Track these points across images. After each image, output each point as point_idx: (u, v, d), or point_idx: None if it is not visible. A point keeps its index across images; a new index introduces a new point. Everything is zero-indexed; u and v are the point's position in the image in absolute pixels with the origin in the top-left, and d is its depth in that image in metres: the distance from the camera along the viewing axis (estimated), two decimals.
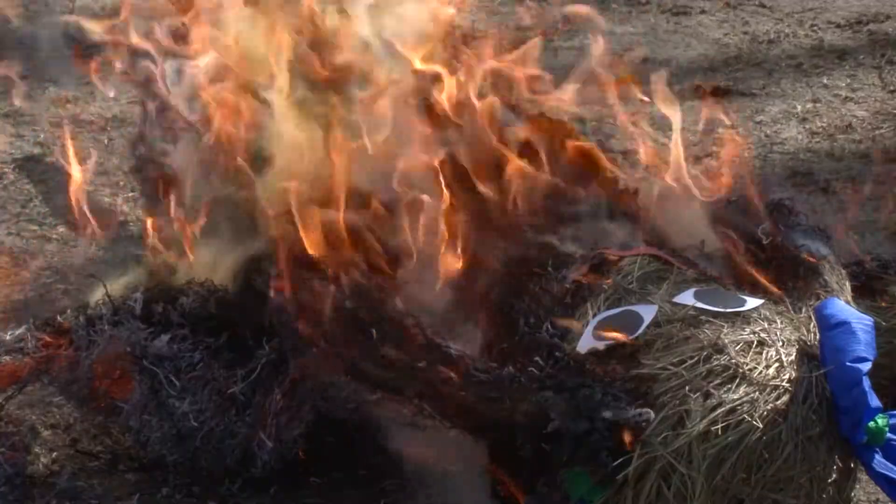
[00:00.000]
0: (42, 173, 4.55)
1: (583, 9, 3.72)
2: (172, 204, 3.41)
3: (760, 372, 2.79)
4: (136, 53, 3.56)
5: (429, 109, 3.35)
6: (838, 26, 5.78)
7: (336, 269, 3.14)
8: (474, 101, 3.37)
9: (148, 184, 3.60)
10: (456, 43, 3.50)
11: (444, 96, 3.36)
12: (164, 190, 3.47)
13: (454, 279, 3.18)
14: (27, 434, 3.24)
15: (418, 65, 3.37)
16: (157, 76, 3.51)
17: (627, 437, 2.71)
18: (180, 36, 3.54)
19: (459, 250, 3.21)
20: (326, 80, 3.33)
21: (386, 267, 3.20)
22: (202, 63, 3.47)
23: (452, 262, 3.19)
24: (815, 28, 5.77)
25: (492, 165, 3.36)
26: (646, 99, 3.62)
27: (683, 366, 2.79)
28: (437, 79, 3.37)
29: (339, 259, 3.17)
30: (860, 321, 2.88)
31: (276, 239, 3.18)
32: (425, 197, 3.25)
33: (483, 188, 3.31)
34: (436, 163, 3.30)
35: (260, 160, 3.32)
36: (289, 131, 3.28)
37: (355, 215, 3.23)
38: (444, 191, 3.27)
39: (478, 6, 3.91)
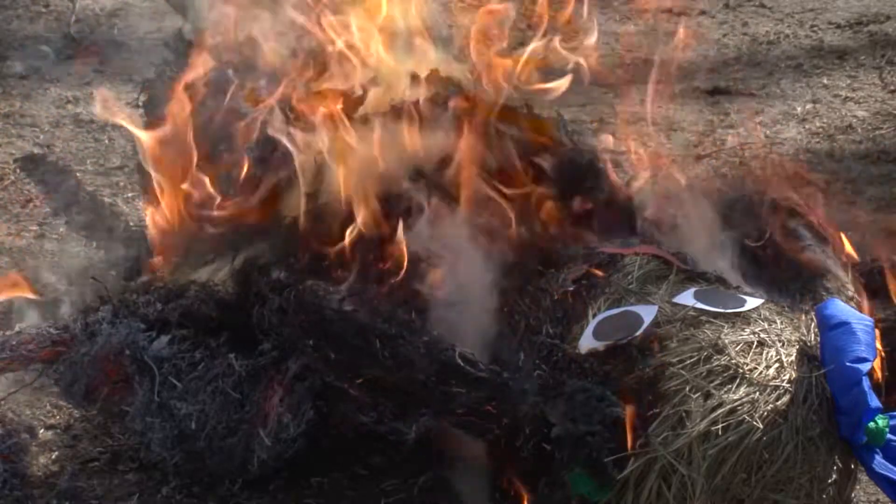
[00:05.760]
0: (42, 173, 4.55)
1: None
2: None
3: (761, 372, 2.79)
4: None
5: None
6: (838, 27, 5.78)
7: (339, 271, 3.15)
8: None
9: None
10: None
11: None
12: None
13: (454, 280, 3.19)
14: (26, 435, 3.24)
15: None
16: None
17: (627, 439, 2.71)
18: None
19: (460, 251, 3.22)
20: None
21: (387, 268, 3.21)
22: None
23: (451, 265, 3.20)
24: (816, 29, 5.77)
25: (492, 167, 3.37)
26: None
27: (683, 366, 2.79)
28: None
29: (344, 261, 3.19)
30: (860, 321, 2.88)
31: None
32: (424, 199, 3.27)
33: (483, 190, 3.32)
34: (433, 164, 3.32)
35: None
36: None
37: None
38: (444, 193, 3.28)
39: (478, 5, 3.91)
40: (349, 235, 3.23)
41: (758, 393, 2.76)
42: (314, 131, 3.34)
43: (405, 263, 3.18)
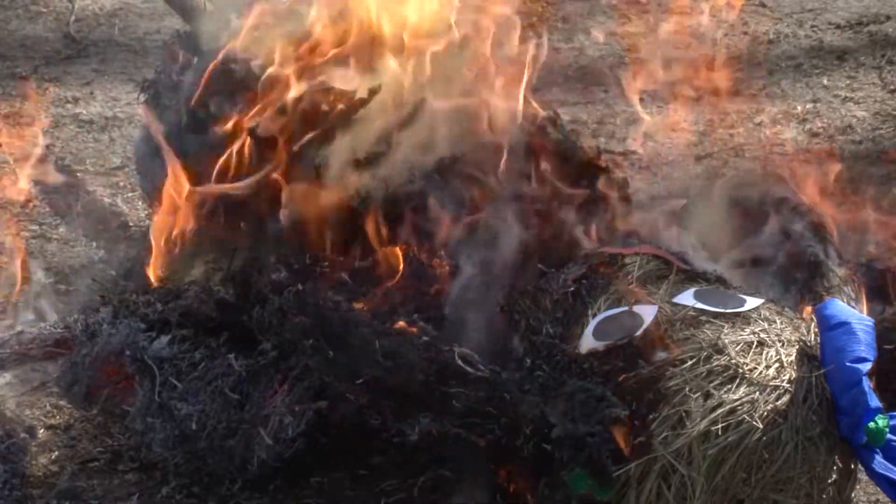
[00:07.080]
0: (42, 173, 4.55)
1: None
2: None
3: (760, 372, 2.79)
4: None
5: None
6: (838, 27, 5.77)
7: (338, 271, 3.15)
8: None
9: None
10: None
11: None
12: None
13: (455, 281, 3.19)
14: (26, 435, 3.24)
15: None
16: None
17: (628, 439, 2.71)
18: None
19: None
20: None
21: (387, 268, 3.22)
22: None
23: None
24: (815, 29, 5.77)
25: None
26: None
27: (683, 366, 2.79)
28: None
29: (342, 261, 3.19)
30: (860, 321, 2.88)
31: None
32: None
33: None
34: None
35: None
36: None
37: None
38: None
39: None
40: (351, 235, 3.24)
41: (758, 393, 2.76)
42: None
43: (403, 264, 3.18)
